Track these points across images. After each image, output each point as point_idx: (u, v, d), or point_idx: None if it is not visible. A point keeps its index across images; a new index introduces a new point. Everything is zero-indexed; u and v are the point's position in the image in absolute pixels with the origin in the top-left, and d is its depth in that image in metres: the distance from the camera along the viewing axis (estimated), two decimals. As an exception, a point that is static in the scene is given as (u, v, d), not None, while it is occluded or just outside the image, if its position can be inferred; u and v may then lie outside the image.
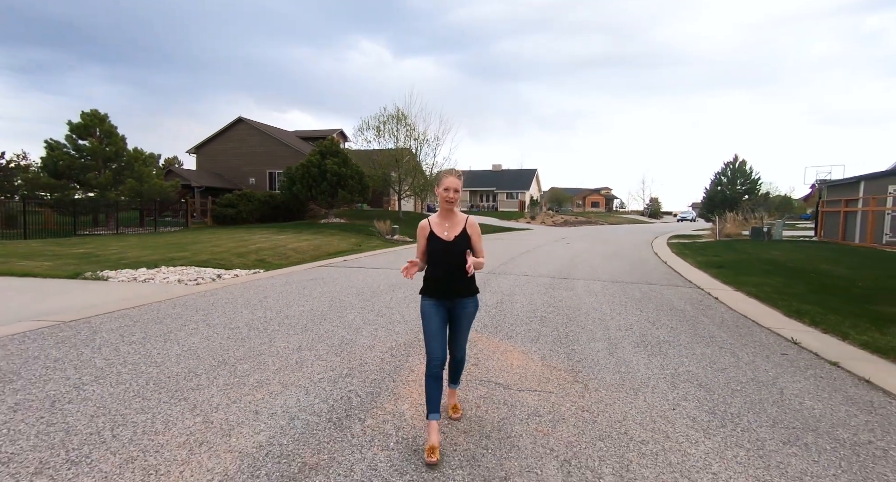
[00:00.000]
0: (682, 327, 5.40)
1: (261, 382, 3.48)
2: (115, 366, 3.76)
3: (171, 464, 2.36)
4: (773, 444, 2.68)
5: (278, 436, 2.67)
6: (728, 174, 28.90)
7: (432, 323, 2.68)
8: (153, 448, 2.51)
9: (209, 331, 4.84)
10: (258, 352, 4.18)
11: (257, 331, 4.91)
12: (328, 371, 3.74)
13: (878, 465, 2.48)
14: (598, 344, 4.64)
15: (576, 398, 3.30)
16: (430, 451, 2.44)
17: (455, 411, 2.98)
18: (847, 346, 4.72)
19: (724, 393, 3.44)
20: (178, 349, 4.24)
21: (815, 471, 2.41)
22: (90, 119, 19.95)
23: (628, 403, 3.23)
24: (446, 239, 2.70)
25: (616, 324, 5.48)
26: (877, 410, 3.18)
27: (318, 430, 2.75)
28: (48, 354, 4.03)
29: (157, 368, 3.73)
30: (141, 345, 4.36)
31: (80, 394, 3.21)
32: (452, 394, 3.04)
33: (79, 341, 4.43)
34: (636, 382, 3.63)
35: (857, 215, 16.65)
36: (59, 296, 6.62)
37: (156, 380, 3.47)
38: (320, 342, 4.53)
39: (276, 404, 3.09)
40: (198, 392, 3.28)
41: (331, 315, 5.66)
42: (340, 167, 23.74)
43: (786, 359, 4.31)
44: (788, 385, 3.63)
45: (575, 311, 6.06)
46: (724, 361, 4.18)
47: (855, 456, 2.57)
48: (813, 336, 5.11)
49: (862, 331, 5.15)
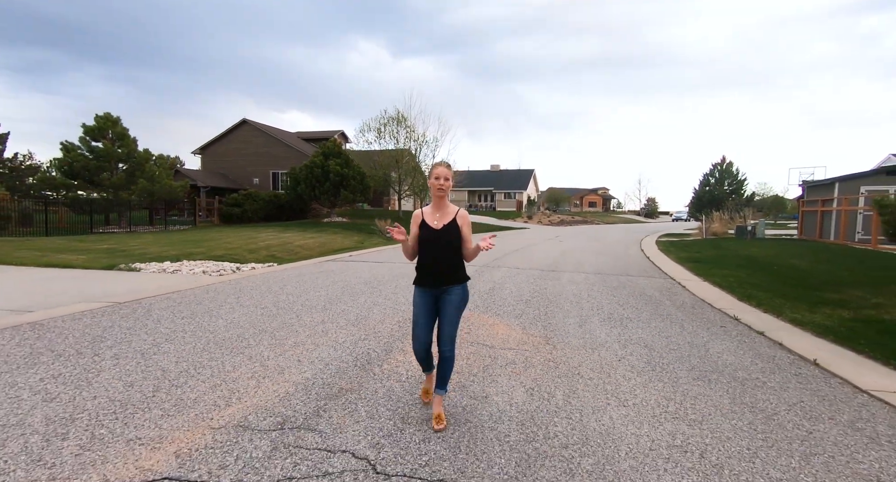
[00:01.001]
0: (645, 308, 6.34)
1: (297, 343, 4.40)
2: (177, 333, 4.68)
3: (246, 388, 3.29)
4: (686, 380, 3.62)
5: (319, 373, 3.60)
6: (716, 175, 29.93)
7: (418, 309, 2.85)
8: (230, 380, 3.43)
9: (244, 310, 5.76)
10: (289, 324, 5.10)
11: (284, 310, 5.83)
12: (349, 336, 4.67)
13: (756, 391, 3.41)
14: (571, 319, 5.58)
15: (545, 354, 4.23)
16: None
17: (438, 421, 2.75)
18: (777, 321, 5.66)
19: (662, 351, 4.38)
20: (223, 322, 5.16)
21: (708, 393, 3.35)
22: (103, 121, 20.84)
23: (585, 357, 4.16)
24: (435, 227, 2.82)
25: (590, 305, 6.42)
26: (775, 361, 4.13)
27: (347, 371, 3.67)
28: (120, 325, 4.94)
29: (212, 334, 4.66)
30: (191, 319, 5.28)
31: (160, 349, 4.13)
32: (438, 400, 2.86)
33: (139, 316, 5.35)
34: (595, 344, 4.56)
35: (832, 214, 17.62)
36: (104, 283, 7.52)
37: (214, 341, 4.40)
38: (339, 317, 5.46)
39: (313, 356, 4.02)
40: (250, 349, 4.20)
41: (344, 298, 6.58)
42: (343, 168, 24.64)
43: (723, 330, 5.25)
44: (715, 346, 4.57)
45: (556, 297, 7.00)
46: (671, 331, 5.12)
47: (741, 386, 3.51)
48: (754, 314, 6.05)
49: (795, 311, 6.09)
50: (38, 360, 3.76)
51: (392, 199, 34.19)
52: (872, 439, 2.73)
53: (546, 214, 46.17)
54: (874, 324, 5.40)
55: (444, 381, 2.86)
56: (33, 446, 2.45)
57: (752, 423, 2.89)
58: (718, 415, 3.01)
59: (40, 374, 3.46)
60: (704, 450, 2.57)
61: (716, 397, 3.29)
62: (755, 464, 2.44)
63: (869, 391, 3.43)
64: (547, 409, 3.04)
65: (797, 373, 3.83)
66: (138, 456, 2.38)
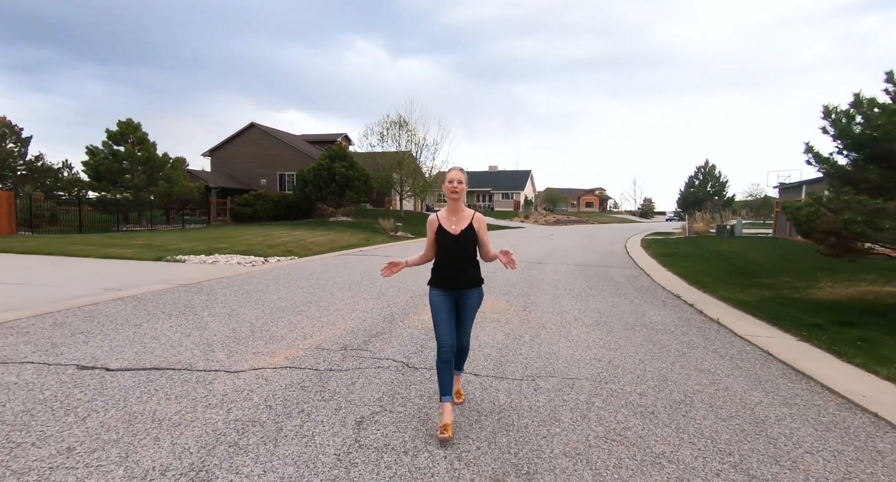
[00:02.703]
0: (609, 289, 7.85)
1: (338, 308, 5.89)
2: (244, 303, 6.16)
3: (312, 331, 4.77)
4: (618, 330, 5.12)
5: (360, 324, 5.09)
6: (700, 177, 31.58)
7: (441, 312, 2.85)
8: (300, 328, 4.92)
9: (287, 290, 7.25)
10: (327, 298, 6.59)
11: (319, 289, 7.32)
12: (374, 305, 6.16)
13: (662, 335, 4.92)
14: (546, 296, 7.08)
15: (521, 316, 5.73)
16: (444, 428, 2.63)
17: (458, 396, 3.10)
18: (710, 298, 7.17)
19: (609, 316, 5.88)
20: (274, 297, 6.65)
21: (630, 336, 4.86)
22: (125, 127, 22.30)
23: (551, 318, 5.66)
24: (453, 233, 2.86)
25: (564, 287, 7.92)
26: (689, 321, 5.64)
27: (378, 323, 5.17)
28: (197, 299, 6.43)
29: (271, 304, 6.14)
30: (249, 295, 6.76)
31: (239, 312, 5.62)
32: (457, 379, 3.14)
33: (207, 293, 6.83)
34: (560, 311, 6.06)
35: (801, 214, 19.16)
36: (161, 271, 9.00)
37: (275, 308, 5.88)
38: (364, 294, 6.95)
39: (352, 315, 5.52)
40: (304, 311, 5.69)
41: (365, 281, 8.07)
42: (348, 170, 26.13)
43: (662, 303, 6.76)
44: (650, 312, 6.09)
45: (538, 281, 8.50)
46: (622, 304, 6.63)
47: (654, 333, 5.01)
48: (694, 294, 7.56)
49: (729, 291, 7.60)
50: (157, 318, 5.25)
51: (393, 199, 35.67)
52: (721, 356, 4.25)
53: (542, 214, 47.72)
54: (781, 299, 6.93)
55: (461, 365, 3.15)
56: (197, 355, 3.93)
57: (650, 351, 4.40)
58: (630, 346, 4.52)
59: (169, 324, 4.95)
60: (612, 360, 4.08)
61: (634, 339, 4.80)
62: (640, 365, 3.94)
63: (741, 335, 4.95)
64: (517, 343, 4.54)
65: (699, 327, 5.35)
66: (263, 359, 3.88)
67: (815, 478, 2.34)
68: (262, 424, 2.76)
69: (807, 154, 6.62)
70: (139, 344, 4.24)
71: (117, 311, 5.48)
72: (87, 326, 4.78)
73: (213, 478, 2.22)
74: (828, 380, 3.66)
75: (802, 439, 2.74)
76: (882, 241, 5.49)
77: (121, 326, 4.82)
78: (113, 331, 4.62)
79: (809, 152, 6.61)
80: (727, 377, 3.74)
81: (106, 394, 3.13)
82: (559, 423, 2.87)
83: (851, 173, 6.31)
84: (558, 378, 3.64)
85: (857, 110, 6.05)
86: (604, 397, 3.28)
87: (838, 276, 8.59)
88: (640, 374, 3.75)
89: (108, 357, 3.87)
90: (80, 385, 3.26)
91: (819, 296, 7.18)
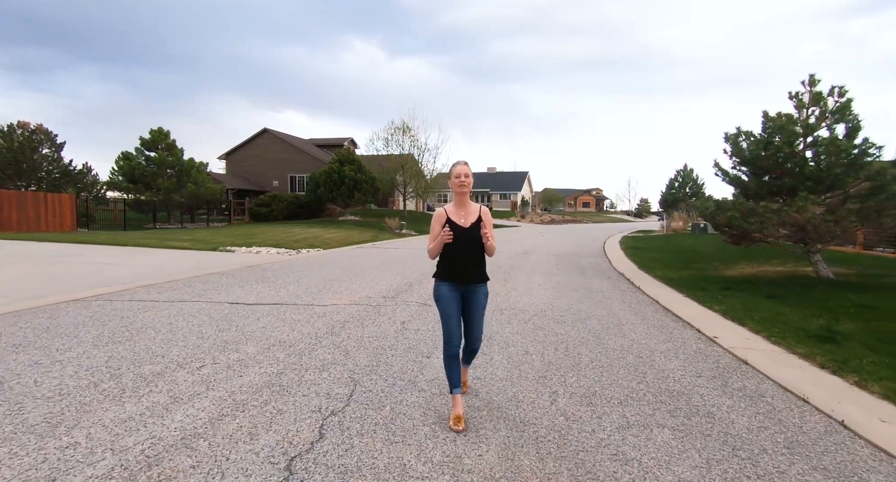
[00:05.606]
0: (572, 271, 10.19)
1: (371, 279, 8.23)
2: (301, 276, 8.49)
3: (357, 290, 7.11)
4: (566, 291, 7.46)
5: (388, 287, 7.43)
6: (679, 179, 34.00)
7: (449, 305, 2.91)
8: (349, 290, 7.25)
9: (327, 270, 9.59)
10: (360, 275, 8.93)
11: (350, 271, 9.66)
12: (396, 278, 8.49)
13: (595, 294, 7.26)
14: (522, 273, 9.42)
15: (502, 284, 8.06)
16: (457, 420, 2.79)
17: (463, 386, 3.25)
18: (646, 276, 9.50)
19: (564, 286, 8.21)
20: (322, 274, 8.98)
21: (574, 295, 7.21)
22: (157, 134, 24.67)
23: (521, 284, 7.99)
24: (463, 225, 2.88)
25: (538, 270, 10.26)
26: (620, 288, 7.98)
27: (401, 288, 7.50)
28: (263, 274, 8.75)
29: (320, 278, 8.47)
30: (301, 272, 9.09)
31: (302, 280, 7.95)
32: (465, 371, 3.26)
33: (268, 271, 9.16)
34: (530, 283, 8.40)
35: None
36: (220, 258, 11.32)
37: (326, 279, 8.21)
38: (386, 273, 9.29)
39: (381, 284, 7.86)
40: (347, 282, 8.02)
41: (384, 266, 10.42)
42: (356, 173, 28.47)
43: (608, 279, 9.11)
44: (595, 283, 8.43)
45: (520, 266, 10.84)
46: (577, 279, 8.96)
47: (590, 293, 7.36)
48: (638, 275, 9.89)
49: (663, 272, 9.93)
50: (248, 283, 7.58)
51: (396, 199, 38.05)
52: (623, 301, 6.63)
53: (538, 214, 50.11)
54: (699, 277, 9.28)
55: (470, 360, 3.25)
56: (295, 298, 6.25)
57: (579, 300, 6.75)
58: (568, 299, 6.86)
59: (263, 286, 7.29)
60: (552, 303, 6.43)
61: (575, 295, 7.15)
62: (569, 306, 6.29)
63: (648, 294, 7.29)
64: (495, 297, 6.87)
65: (624, 290, 7.70)
66: (337, 299, 6.23)
67: (631, 339, 4.70)
68: (351, 323, 5.10)
69: (714, 168, 8.97)
70: (254, 295, 6.60)
71: (222, 280, 7.83)
72: (212, 287, 7.13)
73: (337, 334, 4.58)
74: (680, 313, 6.01)
75: (638, 328, 5.10)
76: (752, 230, 7.81)
77: (233, 287, 7.17)
78: (231, 289, 6.97)
79: (717, 167, 8.96)
80: (619, 310, 6.11)
81: (256, 313, 5.48)
82: (510, 325, 5.23)
83: (743, 182, 8.67)
84: (516, 310, 5.99)
85: (745, 138, 8.41)
86: (539, 317, 5.63)
87: (753, 262, 10.92)
88: (566, 309, 6.10)
89: (243, 299, 6.22)
90: (236, 311, 5.61)
91: (727, 274, 9.52)
